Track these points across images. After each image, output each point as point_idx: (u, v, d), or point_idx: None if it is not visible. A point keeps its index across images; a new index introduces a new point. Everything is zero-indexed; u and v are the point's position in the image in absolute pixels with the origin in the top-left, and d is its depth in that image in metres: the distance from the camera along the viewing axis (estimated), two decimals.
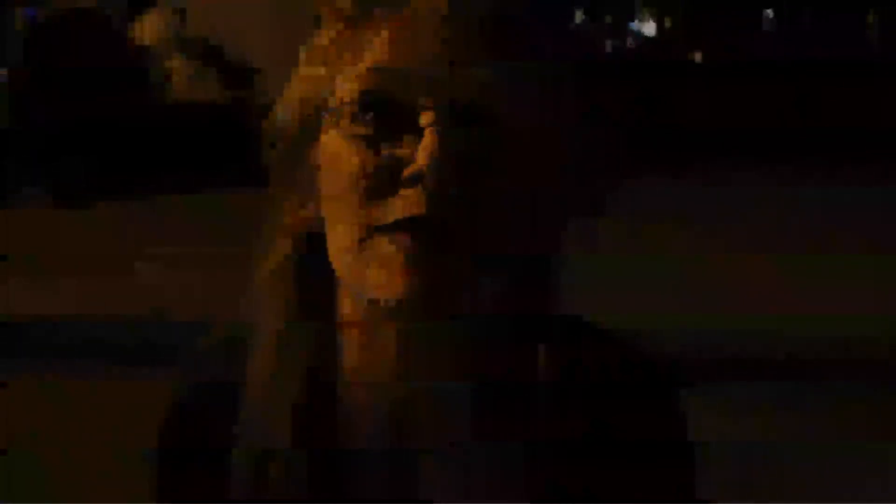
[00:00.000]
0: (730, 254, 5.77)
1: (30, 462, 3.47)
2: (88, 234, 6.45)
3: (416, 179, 0.89)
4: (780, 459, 3.52)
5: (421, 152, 0.89)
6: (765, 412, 3.85)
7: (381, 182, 0.91)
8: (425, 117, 0.90)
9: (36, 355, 4.35)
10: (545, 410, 0.96)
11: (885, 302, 4.74)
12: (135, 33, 8.53)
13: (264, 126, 0.99)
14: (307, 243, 0.99)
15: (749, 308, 4.73)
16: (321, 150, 0.95)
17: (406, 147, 0.90)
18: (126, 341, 4.46)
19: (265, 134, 0.99)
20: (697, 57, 12.31)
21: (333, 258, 0.95)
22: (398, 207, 0.90)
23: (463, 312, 0.94)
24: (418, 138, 0.90)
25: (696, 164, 8.64)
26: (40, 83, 7.73)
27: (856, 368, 4.23)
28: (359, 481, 0.99)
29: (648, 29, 13.11)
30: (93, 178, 7.36)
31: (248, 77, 8.45)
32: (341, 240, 0.93)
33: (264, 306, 1.00)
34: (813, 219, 6.69)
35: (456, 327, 0.95)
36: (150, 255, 5.75)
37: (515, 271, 0.96)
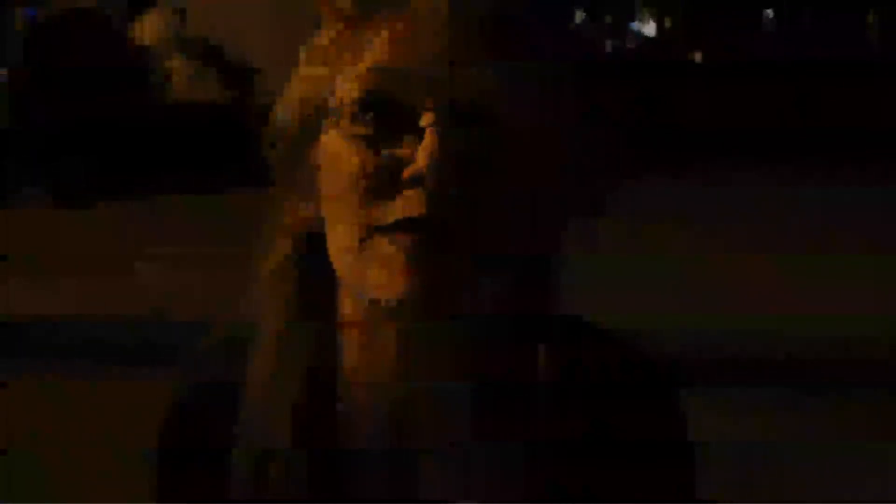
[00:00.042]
0: (730, 254, 5.76)
1: (30, 462, 3.46)
2: (88, 234, 6.44)
3: (417, 180, 0.89)
4: (780, 459, 3.52)
5: (421, 153, 0.89)
6: (765, 412, 3.85)
7: (381, 182, 0.91)
8: (425, 118, 0.90)
9: (36, 355, 4.35)
10: (545, 410, 0.96)
11: (885, 302, 4.74)
12: (135, 33, 8.53)
13: (264, 126, 0.99)
14: (307, 243, 0.99)
15: (749, 308, 4.73)
16: (321, 150, 0.95)
17: (406, 147, 0.91)
18: (126, 341, 4.45)
19: (265, 134, 0.99)
20: (697, 57, 12.31)
21: (334, 258, 0.95)
22: (398, 208, 0.90)
23: (463, 312, 0.94)
24: (418, 138, 0.90)
25: (696, 164, 8.64)
26: (40, 83, 7.73)
27: (856, 368, 4.22)
28: (359, 481, 0.99)
29: (648, 29, 13.10)
30: (93, 178, 7.36)
31: (248, 77, 8.45)
32: (341, 240, 0.93)
33: (264, 306, 1.00)
34: (813, 219, 6.69)
35: (456, 327, 0.95)
36: (150, 255, 5.74)
37: (515, 271, 0.96)
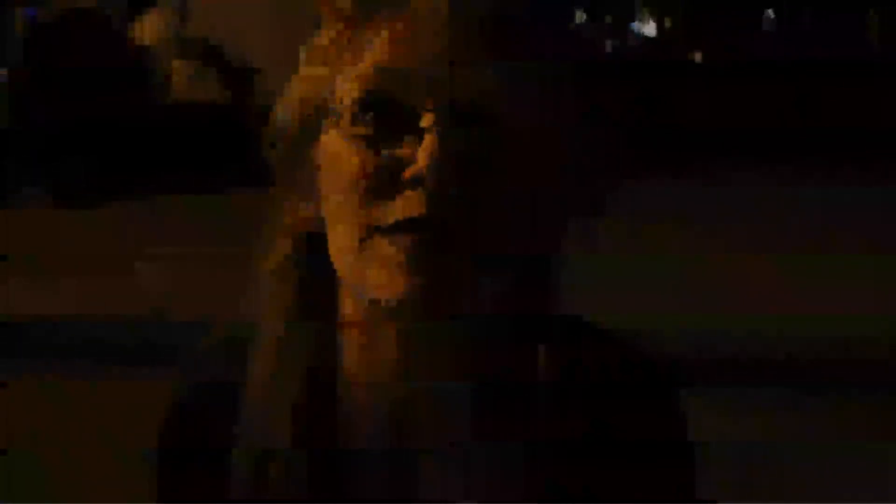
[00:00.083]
0: (730, 254, 5.76)
1: (30, 462, 3.46)
2: (88, 234, 6.44)
3: (417, 180, 0.89)
4: (780, 459, 3.51)
5: (421, 153, 0.89)
6: (765, 412, 3.85)
7: (382, 182, 0.91)
8: (426, 118, 0.90)
9: (36, 355, 4.34)
10: (545, 410, 0.96)
11: (885, 302, 4.74)
12: (135, 33, 8.52)
13: (264, 126, 0.99)
14: (307, 243, 0.99)
15: (749, 308, 4.72)
16: (321, 150, 0.95)
17: (406, 147, 0.91)
18: (126, 341, 4.45)
19: (265, 134, 0.99)
20: (697, 57, 12.30)
21: (334, 258, 0.95)
22: (398, 208, 0.90)
23: (463, 312, 0.94)
24: (419, 139, 0.90)
25: (696, 164, 8.62)
26: (40, 83, 7.72)
27: (856, 368, 4.22)
28: (359, 481, 0.99)
29: (648, 29, 13.10)
30: (93, 178, 7.35)
31: (248, 77, 8.44)
32: (342, 240, 0.93)
33: (264, 306, 1.00)
34: (813, 219, 6.68)
35: (456, 327, 0.95)
36: (150, 255, 5.74)
37: (515, 271, 0.96)
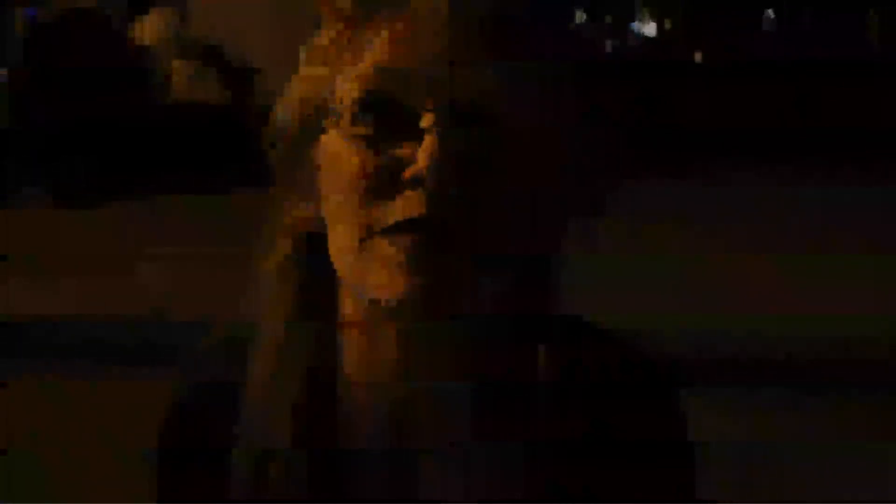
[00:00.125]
0: (730, 254, 5.76)
1: (30, 462, 3.46)
2: (88, 234, 6.44)
3: (417, 181, 0.89)
4: (780, 459, 3.51)
5: (421, 154, 0.89)
6: (765, 412, 3.85)
7: (382, 182, 0.91)
8: (426, 119, 0.90)
9: (36, 355, 4.34)
10: (545, 410, 0.96)
11: (885, 302, 4.74)
12: (135, 33, 8.52)
13: (264, 126, 0.99)
14: (308, 243, 0.99)
15: (749, 308, 4.72)
16: (321, 151, 0.95)
17: (406, 148, 0.90)
18: (126, 341, 4.45)
19: (265, 134, 0.99)
20: (697, 57, 12.30)
21: (334, 258, 0.95)
22: (398, 208, 0.90)
23: (463, 312, 0.94)
24: (419, 139, 0.90)
25: (696, 164, 8.62)
26: (40, 83, 7.72)
27: (856, 368, 4.22)
28: (359, 481, 0.99)
29: (648, 29, 13.10)
30: (93, 178, 7.35)
31: (248, 77, 8.44)
32: (342, 240, 0.93)
33: (264, 306, 1.00)
34: (813, 219, 6.68)
35: (456, 327, 0.95)
36: (150, 255, 5.74)
37: (515, 271, 0.96)
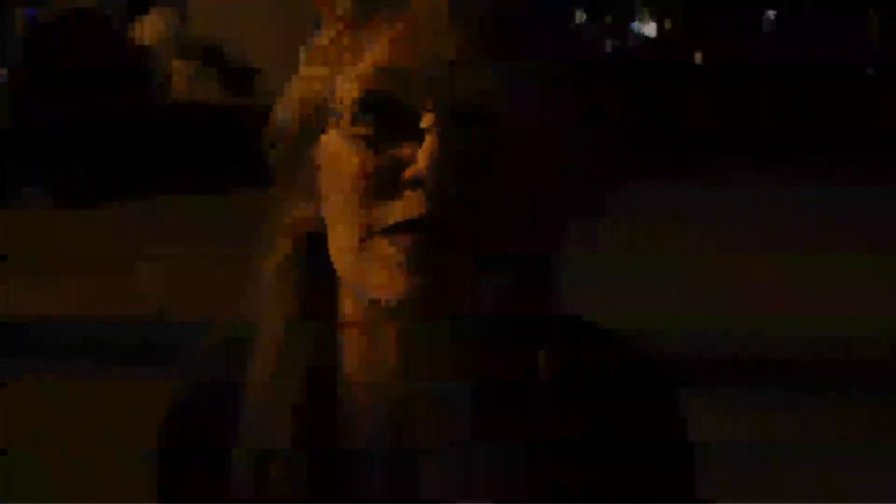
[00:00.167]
0: (730, 254, 5.76)
1: (30, 462, 3.46)
2: (88, 234, 6.44)
3: (417, 182, 0.89)
4: (780, 459, 3.51)
5: (421, 154, 0.89)
6: (765, 412, 3.85)
7: (382, 183, 0.91)
8: (426, 119, 0.90)
9: (36, 355, 4.34)
10: (545, 410, 0.96)
11: (885, 302, 4.74)
12: (135, 33, 8.52)
13: (265, 126, 0.99)
14: (308, 243, 0.99)
15: (749, 308, 4.72)
16: (321, 151, 0.95)
17: (406, 148, 0.90)
18: (126, 341, 4.45)
19: (265, 134, 0.99)
20: (697, 58, 12.30)
21: (334, 258, 0.95)
22: (398, 209, 0.90)
23: (463, 312, 0.94)
24: (419, 139, 0.90)
25: (696, 164, 8.63)
26: (40, 83, 7.72)
27: (856, 368, 4.22)
28: (359, 481, 0.99)
29: (648, 29, 13.10)
30: (93, 178, 7.35)
31: (249, 77, 8.44)
32: (342, 240, 0.93)
33: (264, 306, 1.00)
34: (813, 219, 6.68)
35: (456, 327, 0.95)
36: (151, 255, 5.74)
37: (515, 271, 0.96)
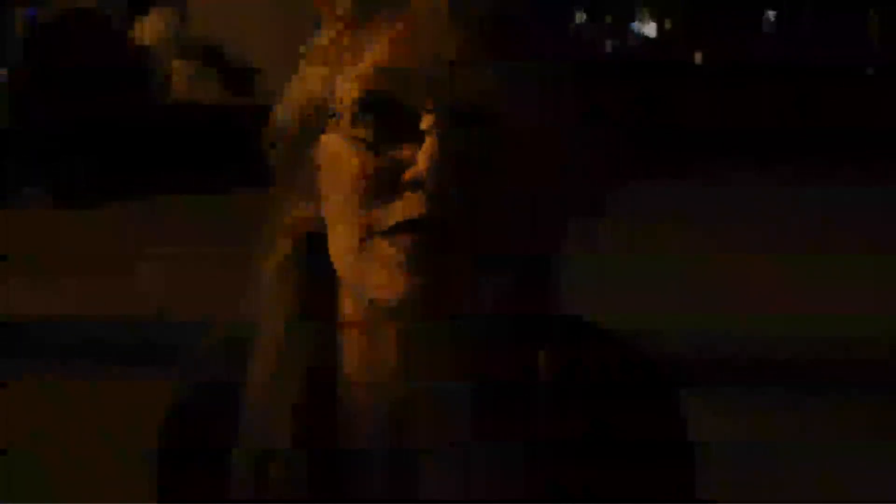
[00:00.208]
0: (730, 254, 5.76)
1: (30, 462, 3.46)
2: (88, 234, 6.44)
3: (417, 183, 0.89)
4: (780, 459, 3.52)
5: (421, 155, 0.89)
6: (765, 412, 3.85)
7: (382, 184, 0.91)
8: (426, 120, 0.90)
9: (36, 355, 4.34)
10: (545, 410, 0.96)
11: (885, 302, 4.74)
12: (135, 33, 8.52)
13: (265, 126, 0.99)
14: (308, 243, 0.98)
15: (749, 308, 4.73)
16: (321, 151, 0.95)
17: (406, 149, 0.90)
18: (126, 341, 4.45)
19: (265, 134, 0.99)
20: (697, 58, 12.31)
21: (334, 258, 0.95)
22: (398, 209, 0.90)
23: (463, 312, 0.94)
24: (419, 140, 0.90)
25: (696, 164, 8.63)
26: (40, 83, 7.72)
27: (856, 368, 4.22)
28: (359, 481, 0.99)
29: (648, 29, 13.10)
30: (93, 178, 7.35)
31: (249, 77, 8.45)
32: (342, 240, 0.93)
33: (264, 306, 1.00)
34: (813, 219, 6.69)
35: (456, 327, 0.95)
36: (151, 255, 5.74)
37: (515, 271, 0.96)
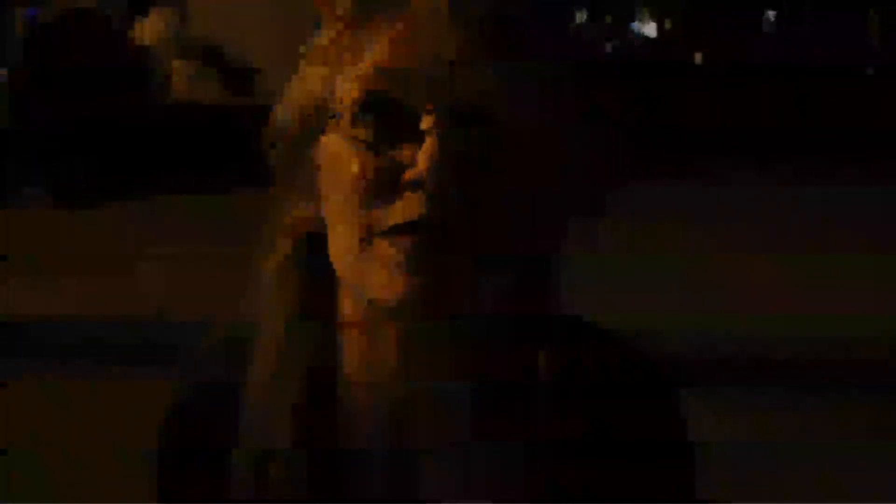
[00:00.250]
0: (730, 254, 5.76)
1: (30, 462, 3.46)
2: (88, 234, 6.44)
3: (417, 184, 0.89)
4: (780, 459, 3.52)
5: (421, 156, 0.89)
6: (765, 412, 3.85)
7: (382, 184, 0.91)
8: (426, 121, 0.90)
9: (36, 355, 4.35)
10: (545, 410, 0.96)
11: (885, 302, 4.74)
12: (135, 34, 8.52)
13: (265, 126, 0.99)
14: (307, 243, 0.98)
15: (749, 308, 4.73)
16: (322, 151, 0.95)
17: (406, 150, 0.90)
18: (126, 341, 4.45)
19: (266, 134, 0.99)
20: (698, 58, 12.31)
21: (334, 259, 0.95)
22: (398, 210, 0.90)
23: (463, 312, 0.94)
24: (419, 140, 0.90)
25: (696, 164, 8.64)
26: (40, 83, 7.72)
27: (856, 368, 4.22)
28: (359, 481, 0.99)
29: (648, 30, 13.10)
30: (93, 178, 7.35)
31: (249, 77, 8.45)
32: (342, 240, 0.93)
33: (264, 306, 1.00)
34: (813, 219, 6.69)
35: (456, 327, 0.95)
36: (151, 255, 5.74)
37: (515, 271, 0.96)
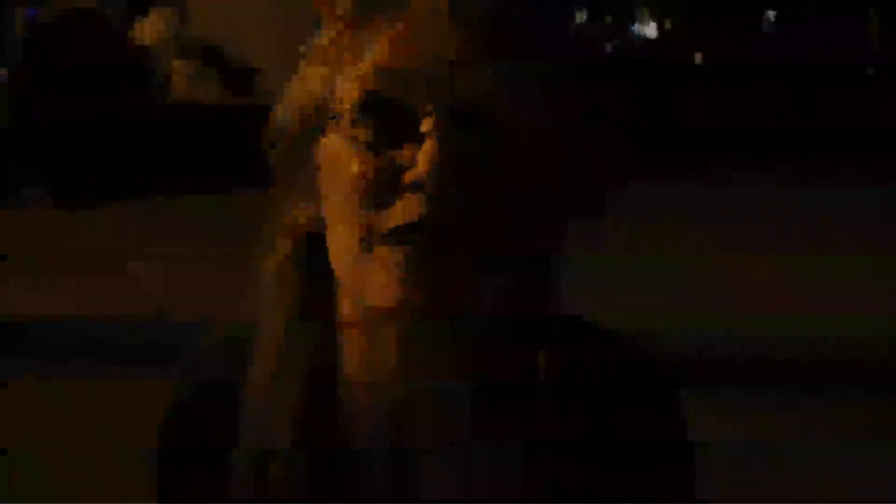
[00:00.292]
0: (730, 254, 5.76)
1: (30, 462, 3.46)
2: (88, 234, 6.44)
3: (417, 185, 0.89)
4: (780, 459, 3.52)
5: (421, 157, 0.89)
6: (765, 412, 3.85)
7: (382, 185, 0.91)
8: (426, 122, 0.90)
9: (36, 355, 4.35)
10: (545, 410, 0.96)
11: (885, 302, 4.74)
12: (135, 34, 8.52)
13: (265, 126, 0.99)
14: (307, 243, 0.98)
15: (749, 308, 4.73)
16: (322, 151, 0.95)
17: (406, 150, 0.90)
18: (126, 341, 4.45)
19: (266, 134, 0.99)
20: (698, 58, 12.31)
21: (334, 259, 0.95)
22: (398, 211, 0.90)
23: (463, 313, 0.94)
24: (419, 141, 0.90)
25: (696, 164, 8.64)
26: (40, 83, 7.73)
27: (856, 368, 4.22)
28: (359, 481, 0.99)
29: (649, 30, 13.10)
30: (93, 178, 7.36)
31: (249, 77, 8.45)
32: (341, 241, 0.93)
33: (264, 306, 1.00)
34: (813, 219, 6.69)
35: (456, 328, 0.95)
36: (150, 255, 5.74)
37: (516, 272, 0.96)
